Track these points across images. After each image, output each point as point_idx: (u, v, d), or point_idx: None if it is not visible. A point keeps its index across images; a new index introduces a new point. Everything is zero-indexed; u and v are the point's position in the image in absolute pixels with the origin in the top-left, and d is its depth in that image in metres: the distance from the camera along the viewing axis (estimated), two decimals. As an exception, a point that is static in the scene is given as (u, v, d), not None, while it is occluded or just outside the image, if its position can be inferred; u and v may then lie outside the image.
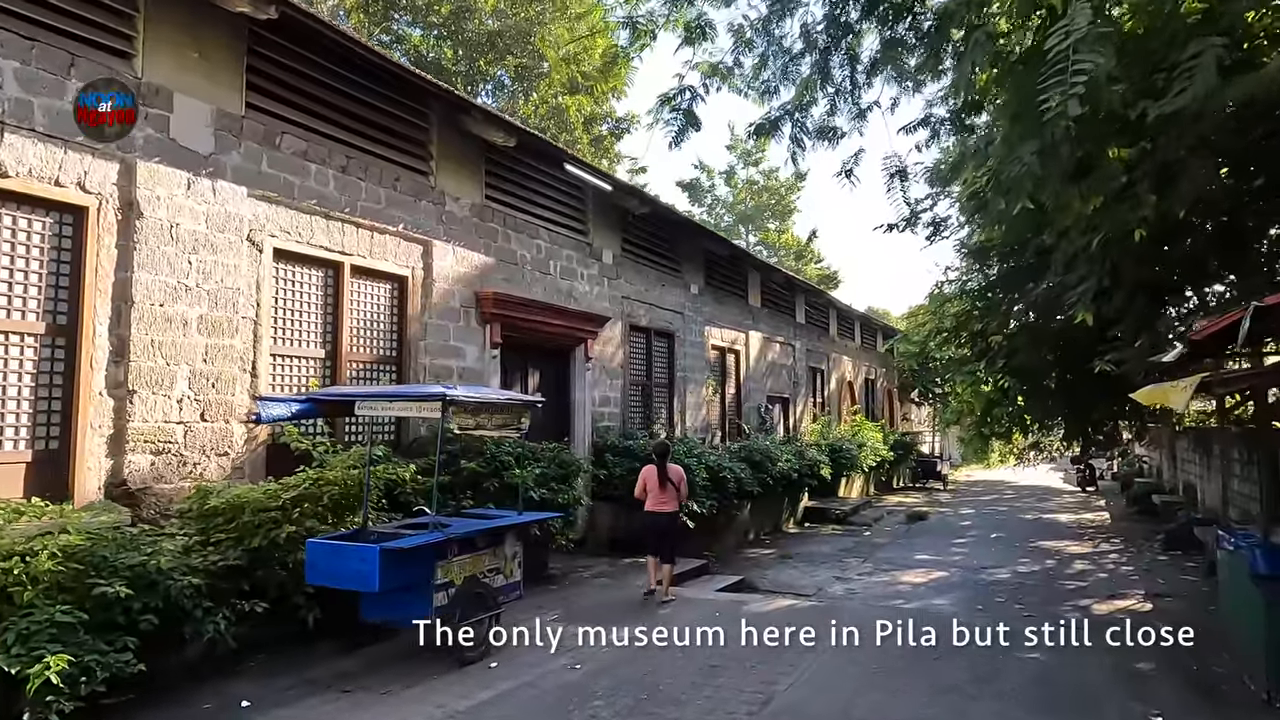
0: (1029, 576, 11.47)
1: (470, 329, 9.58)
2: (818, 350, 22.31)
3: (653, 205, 12.66)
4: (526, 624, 6.87)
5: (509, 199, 10.37)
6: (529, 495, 8.14)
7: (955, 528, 17.50)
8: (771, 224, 40.40)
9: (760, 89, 6.21)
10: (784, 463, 14.90)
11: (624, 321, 12.87)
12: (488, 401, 5.81)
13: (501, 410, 6.00)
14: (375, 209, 8.33)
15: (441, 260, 9.15)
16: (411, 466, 7.23)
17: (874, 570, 11.99)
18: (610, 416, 12.43)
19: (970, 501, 23.81)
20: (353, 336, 8.21)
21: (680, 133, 6.23)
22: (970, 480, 32.51)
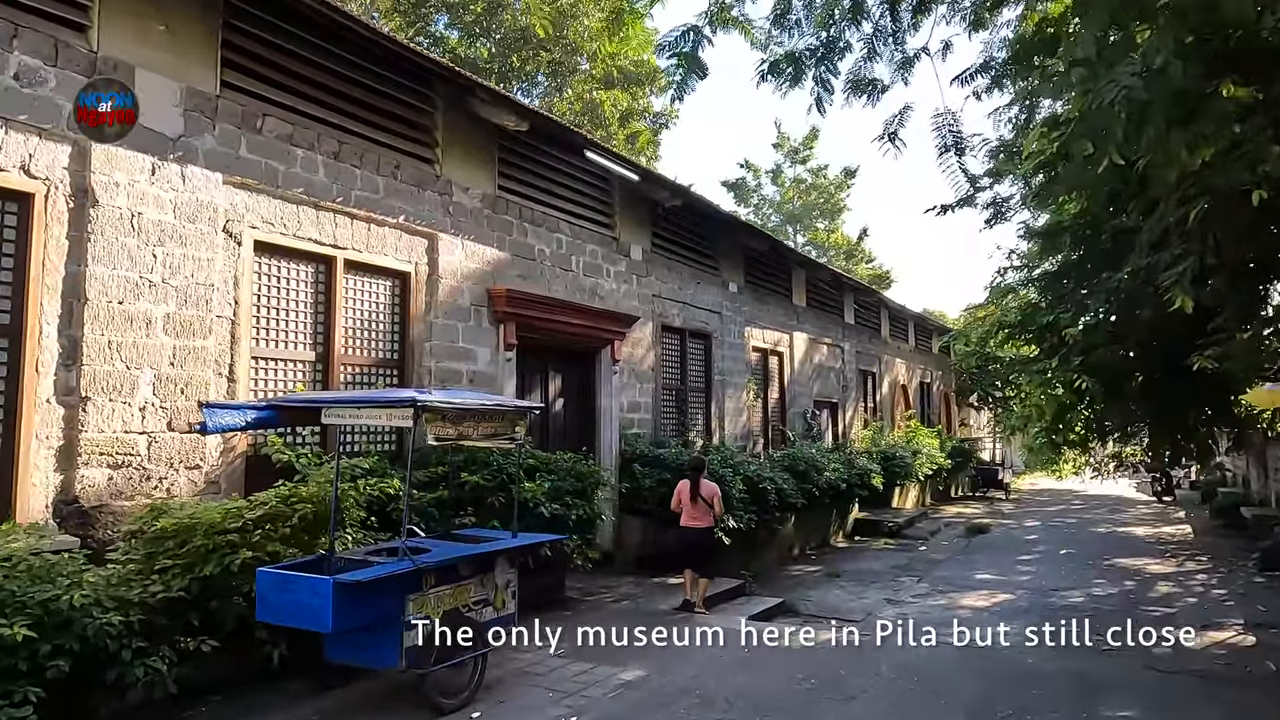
0: (1106, 601, 10.27)
1: (482, 329, 8.85)
2: (868, 352, 21.15)
3: (684, 197, 11.81)
4: (526, 661, 6.07)
5: (525, 189, 9.63)
6: (539, 512, 7.35)
7: (1020, 542, 16.21)
8: (820, 223, 39.13)
9: (778, 24, 5.31)
10: (831, 472, 13.88)
11: (655, 321, 12.03)
12: (470, 408, 5.03)
13: (489, 417, 5.22)
14: (372, 199, 7.65)
15: (449, 255, 8.45)
16: (396, 480, 6.49)
17: (930, 591, 10.91)
18: (640, 424, 11.59)
19: (1035, 513, 22.33)
20: (348, 338, 7.54)
21: (682, 84, 5.36)
22: (1034, 489, 30.82)
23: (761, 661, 6.28)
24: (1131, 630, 8.57)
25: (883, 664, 6.30)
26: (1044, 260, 7.46)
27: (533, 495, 7.37)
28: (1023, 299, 7.72)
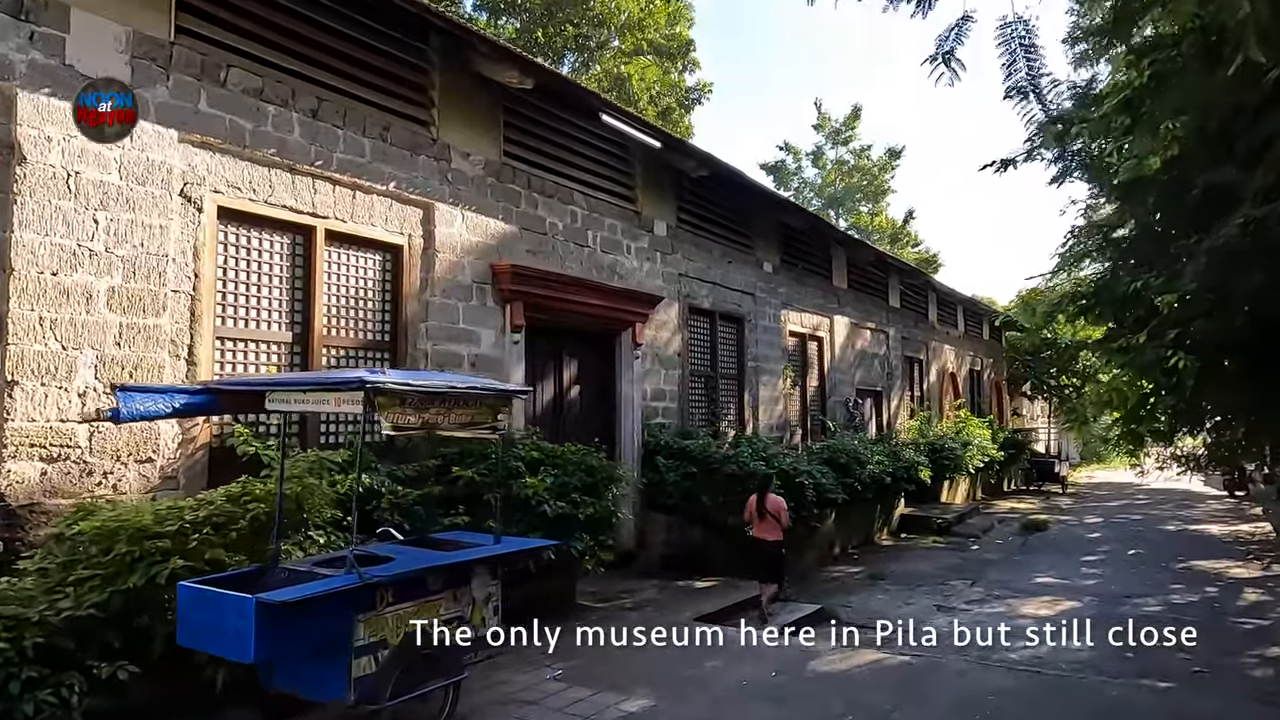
0: (1187, 610, 9.15)
1: (485, 309, 8.06)
2: (915, 338, 19.97)
3: (712, 167, 10.87)
4: (515, 686, 5.25)
5: (534, 157, 8.80)
6: (540, 510, 6.54)
7: (1082, 541, 15.00)
8: (864, 206, 37.76)
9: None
10: (874, 465, 12.86)
11: (681, 303, 11.14)
12: (437, 392, 4.22)
13: (463, 402, 4.40)
14: (357, 163, 6.89)
15: (447, 227, 7.66)
16: (381, 476, 5.72)
17: (985, 597, 9.88)
18: (666, 413, 10.73)
19: (1095, 508, 20.94)
20: (331, 317, 6.80)
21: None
22: (1092, 482, 29.24)
23: (792, 690, 5.39)
24: (1223, 646, 7.49)
25: (937, 694, 5.35)
26: (1122, 223, 6.39)
27: (534, 492, 6.56)
28: (1094, 270, 6.66)
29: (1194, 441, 7.94)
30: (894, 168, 37.52)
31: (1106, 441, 9.27)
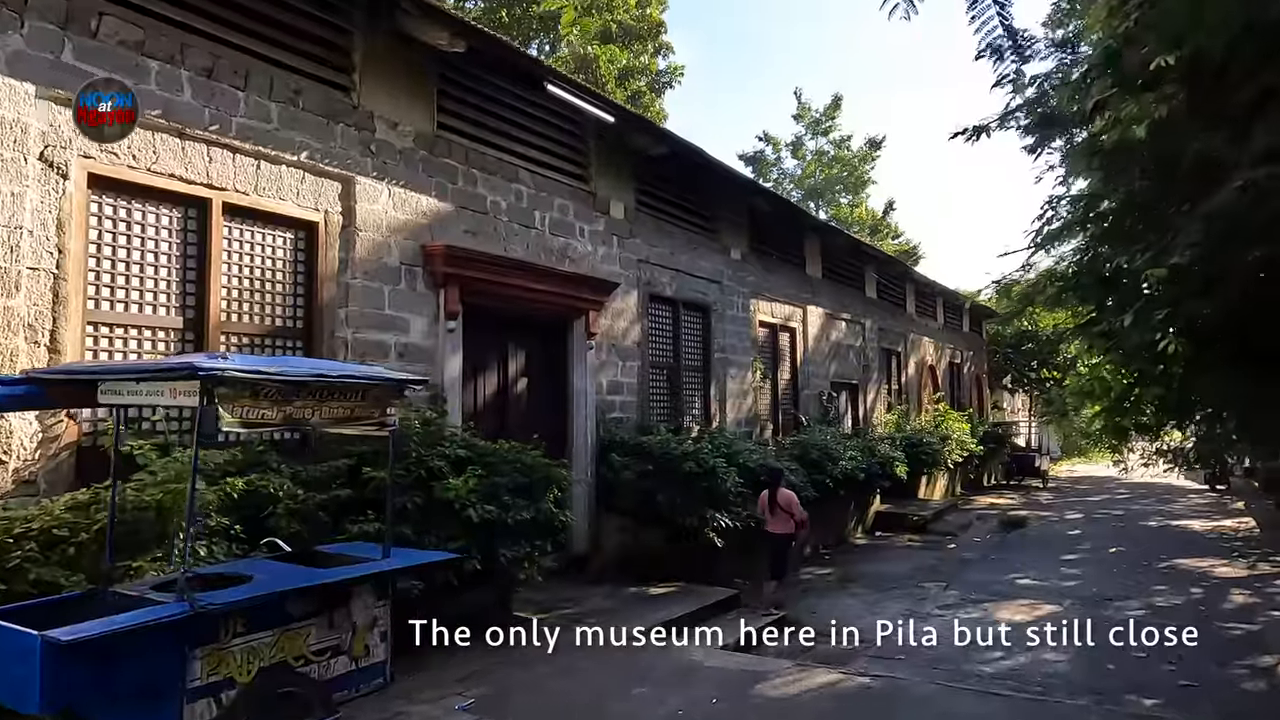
0: (1172, 614, 8.62)
1: (416, 294, 7.38)
2: (892, 330, 19.43)
3: (671, 144, 10.22)
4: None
5: (473, 130, 8.11)
6: (465, 515, 5.88)
7: (1062, 538, 14.52)
8: (844, 198, 37.21)
9: None
10: (847, 460, 12.29)
11: (641, 290, 10.49)
12: (301, 381, 3.55)
13: (338, 394, 3.73)
14: (263, 130, 6.19)
15: (370, 203, 6.98)
16: (283, 477, 5.05)
17: (960, 601, 9.32)
18: (624, 406, 10.08)
19: (1077, 503, 20.52)
20: (231, 300, 6.10)
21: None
22: (1073, 476, 28.91)
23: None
24: (1211, 654, 6.95)
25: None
26: (1105, 194, 5.79)
27: (457, 494, 5.89)
28: (1074, 248, 6.08)
29: (1180, 436, 7.35)
30: (874, 159, 37.00)
31: (1088, 436, 8.72)
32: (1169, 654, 7.10)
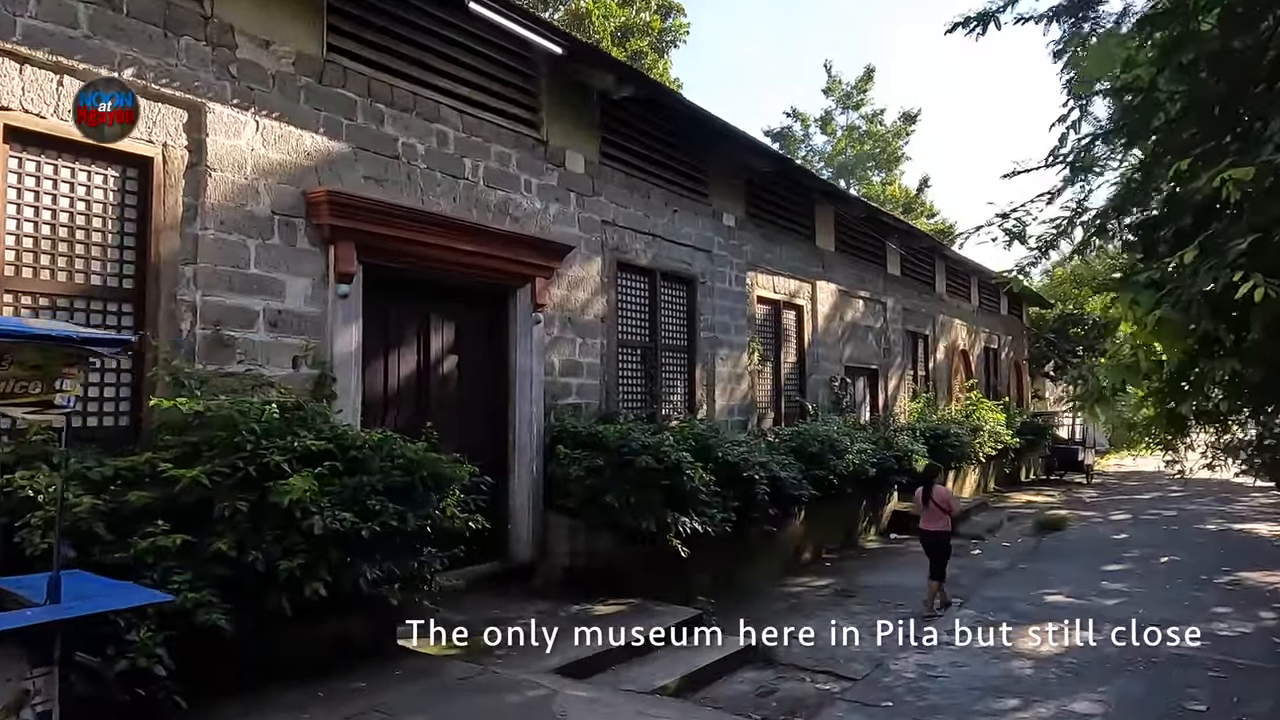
0: (1238, 647, 7.00)
1: (295, 250, 6.07)
2: (919, 310, 17.73)
3: (640, 85, 8.74)
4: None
5: (378, 56, 6.75)
6: (305, 526, 4.55)
7: (1105, 543, 12.79)
8: (876, 175, 35.30)
9: None
10: (855, 454, 10.76)
11: (607, 256, 9.07)
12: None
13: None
14: (66, 36, 4.91)
15: (230, 137, 5.67)
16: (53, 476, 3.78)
17: (976, 623, 7.78)
18: (584, 391, 8.70)
19: (1124, 502, 18.63)
20: (22, 252, 4.84)
21: None
22: (1121, 471, 26.81)
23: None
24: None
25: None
26: (1168, 102, 4.22)
27: (298, 498, 4.56)
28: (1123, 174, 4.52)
29: (1257, 427, 5.67)
30: (909, 133, 35.05)
31: (1133, 427, 7.13)
32: (1240, 709, 5.54)
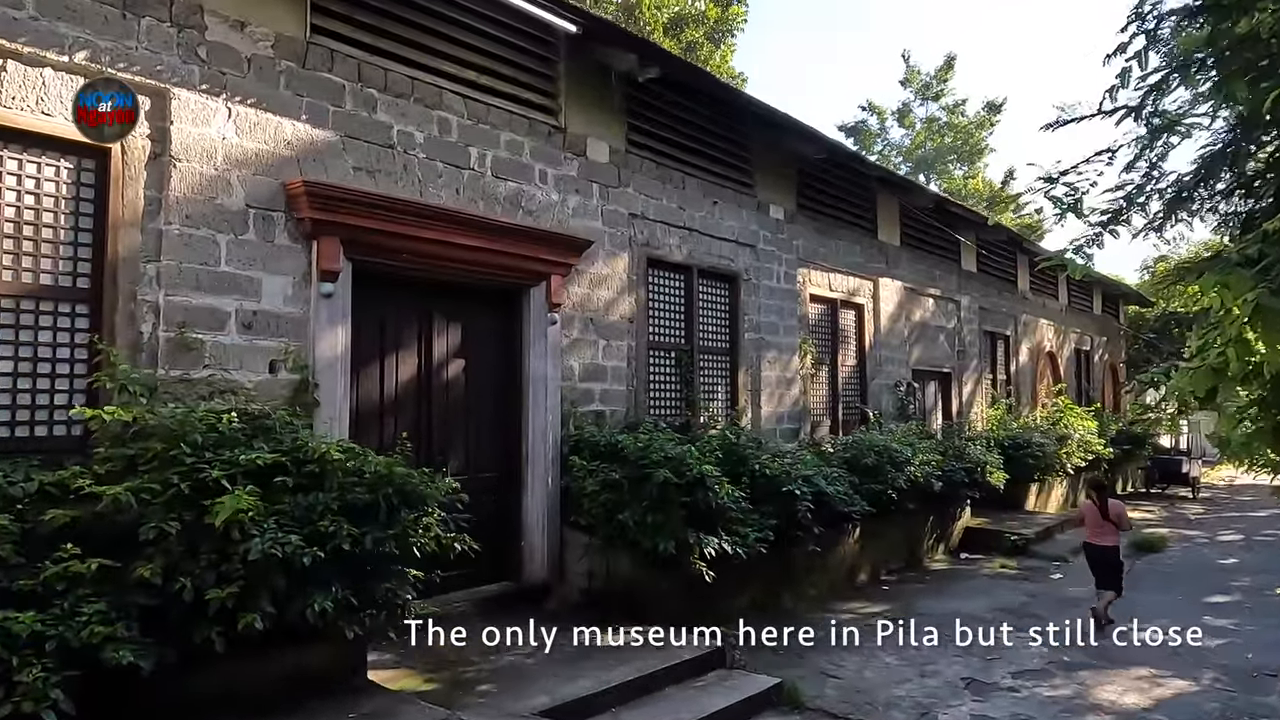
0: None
1: (274, 247, 5.65)
2: (998, 310, 16.46)
3: (673, 68, 8.06)
4: None
5: (368, 38, 6.29)
6: (245, 549, 4.05)
7: (1210, 568, 11.39)
8: (958, 169, 33.55)
9: None
10: (916, 466, 9.81)
11: (635, 252, 8.43)
12: None
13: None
14: (7, 18, 4.58)
15: (198, 125, 5.28)
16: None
17: (1046, 665, 6.79)
18: (608, 397, 8.07)
19: (1234, 520, 16.83)
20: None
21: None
22: (1231, 485, 24.51)
23: None
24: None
25: None
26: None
27: (232, 518, 4.07)
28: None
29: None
30: (993, 124, 33.14)
31: (1224, 445, 6.08)
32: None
